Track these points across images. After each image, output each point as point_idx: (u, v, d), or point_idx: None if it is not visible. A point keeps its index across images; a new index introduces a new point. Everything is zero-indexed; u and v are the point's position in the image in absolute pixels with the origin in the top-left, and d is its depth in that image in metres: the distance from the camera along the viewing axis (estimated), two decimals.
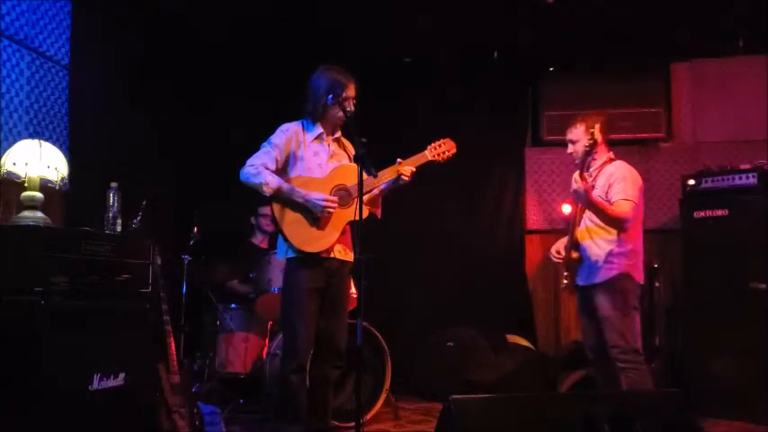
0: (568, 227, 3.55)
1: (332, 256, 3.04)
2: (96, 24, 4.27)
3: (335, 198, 2.98)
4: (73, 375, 2.50)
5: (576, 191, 3.25)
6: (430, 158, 3.09)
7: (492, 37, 5.44)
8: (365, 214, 3.14)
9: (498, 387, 4.70)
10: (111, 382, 2.65)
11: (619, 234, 3.36)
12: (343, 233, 3.06)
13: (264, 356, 4.27)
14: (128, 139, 4.41)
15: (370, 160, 2.72)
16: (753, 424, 4.11)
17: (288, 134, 3.08)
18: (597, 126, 3.27)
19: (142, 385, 2.86)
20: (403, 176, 3.02)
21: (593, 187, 3.39)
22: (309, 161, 3.07)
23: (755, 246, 4.31)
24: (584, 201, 3.29)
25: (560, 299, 5.63)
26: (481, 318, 5.34)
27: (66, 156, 2.99)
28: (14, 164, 2.74)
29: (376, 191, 3.12)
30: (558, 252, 3.61)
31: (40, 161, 2.78)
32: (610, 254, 3.37)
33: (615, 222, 3.34)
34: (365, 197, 2.99)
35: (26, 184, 2.73)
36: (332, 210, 2.96)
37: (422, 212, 5.54)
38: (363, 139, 2.77)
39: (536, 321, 5.84)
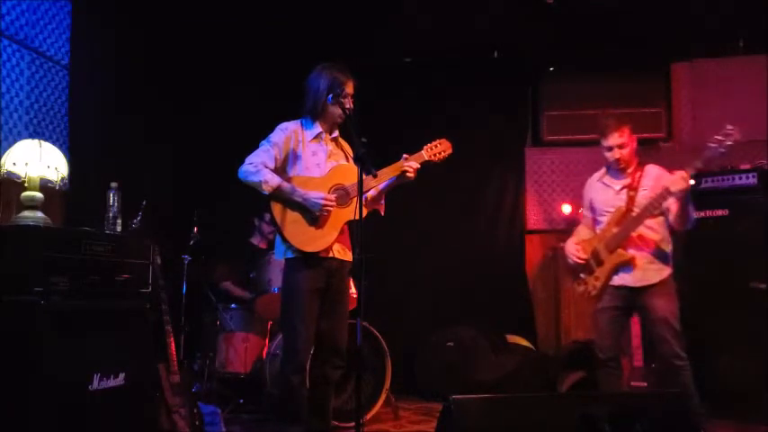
0: (607, 227, 3.48)
1: (331, 255, 3.03)
2: (96, 24, 4.27)
3: (334, 197, 2.98)
4: (73, 375, 2.50)
5: (685, 189, 3.23)
6: (426, 158, 3.09)
7: (492, 37, 5.44)
8: (364, 214, 3.16)
9: (498, 387, 4.70)
10: (111, 382, 2.65)
11: (668, 235, 3.42)
12: (341, 233, 3.05)
13: (264, 356, 4.27)
14: (128, 139, 4.41)
15: (370, 160, 2.72)
16: (753, 424, 4.11)
17: (287, 133, 3.07)
18: (732, 126, 3.30)
19: (142, 385, 2.86)
20: (407, 173, 3.01)
21: (637, 190, 3.42)
22: (308, 160, 3.07)
23: (755, 246, 4.31)
24: (686, 198, 3.28)
25: (560, 299, 5.63)
26: (481, 318, 5.34)
27: (66, 156, 2.99)
28: (14, 164, 2.74)
29: (373, 192, 3.12)
30: (578, 251, 3.54)
31: (40, 161, 2.77)
32: (662, 254, 3.40)
33: (690, 222, 3.37)
34: (366, 196, 3.00)
35: (26, 184, 2.72)
36: (330, 209, 2.96)
37: (422, 212, 5.54)
38: (363, 139, 2.77)
39: (536, 321, 5.84)
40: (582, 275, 3.54)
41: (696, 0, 4.71)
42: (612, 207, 3.48)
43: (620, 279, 3.43)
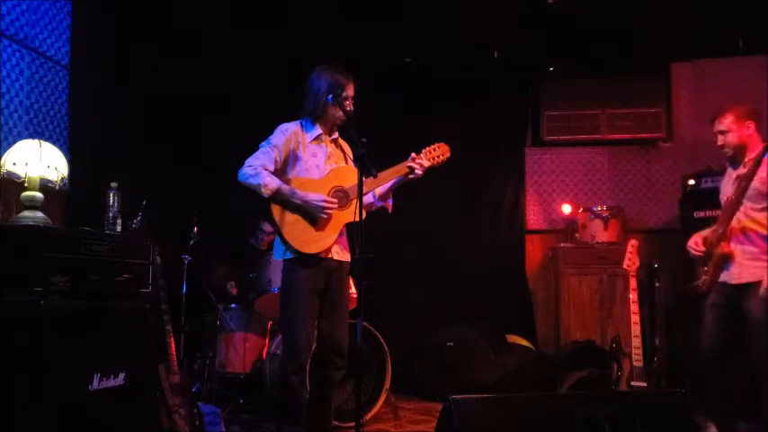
0: (716, 218, 3.34)
1: (329, 256, 3.03)
2: (96, 24, 4.27)
3: (334, 200, 2.97)
4: (73, 375, 2.50)
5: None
6: (425, 162, 3.08)
7: (492, 37, 5.44)
8: (373, 210, 3.18)
9: (498, 387, 4.70)
10: (111, 382, 2.65)
11: None
12: (340, 234, 3.06)
13: (264, 356, 4.27)
14: (128, 140, 4.41)
15: (370, 161, 2.72)
16: (752, 424, 4.10)
17: (287, 134, 3.07)
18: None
19: (142, 385, 2.86)
20: (416, 170, 3.01)
21: (750, 179, 3.19)
22: (307, 162, 3.06)
23: None
24: None
25: (560, 299, 5.64)
26: (481, 318, 5.34)
27: (66, 156, 2.99)
28: (14, 164, 2.74)
29: (381, 189, 3.12)
30: (697, 244, 3.37)
31: (40, 161, 2.77)
32: (764, 251, 3.18)
33: None
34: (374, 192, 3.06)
35: (26, 184, 2.72)
36: (331, 211, 2.96)
37: (422, 212, 5.53)
38: (363, 139, 2.77)
39: (536, 321, 5.85)
40: (705, 268, 3.37)
41: (696, 0, 4.71)
42: (727, 197, 3.34)
43: (724, 275, 3.28)
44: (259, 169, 2.94)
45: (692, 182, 4.77)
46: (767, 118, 5.13)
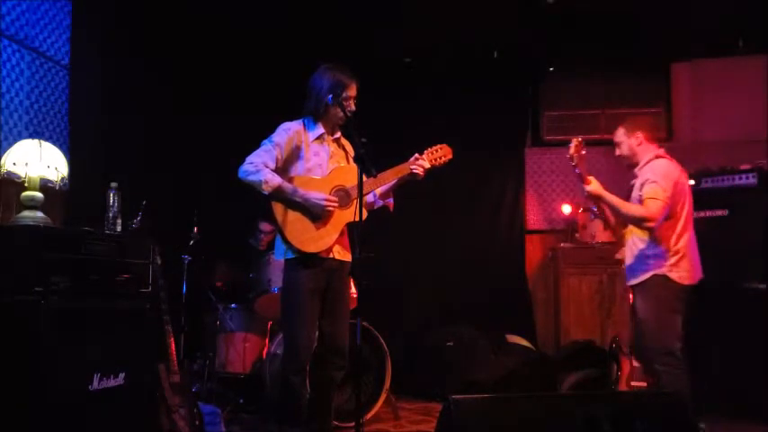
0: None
1: (331, 256, 3.03)
2: (96, 24, 4.27)
3: (335, 198, 2.97)
4: (73, 375, 2.50)
5: (588, 193, 3.34)
6: (427, 162, 3.08)
7: (492, 37, 5.45)
8: (375, 208, 3.19)
9: (498, 387, 4.70)
10: (111, 382, 2.65)
11: (652, 235, 3.36)
12: (341, 234, 3.05)
13: (264, 356, 4.27)
14: (128, 139, 4.41)
15: (370, 161, 2.71)
16: (753, 424, 4.11)
17: (290, 133, 3.06)
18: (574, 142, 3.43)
19: (142, 385, 2.86)
20: (416, 171, 3.01)
21: (632, 186, 3.45)
22: (310, 161, 3.06)
23: (755, 246, 4.30)
24: (598, 202, 3.39)
25: (560, 299, 5.64)
26: (481, 318, 5.34)
27: (66, 156, 2.99)
28: (14, 164, 2.74)
29: (383, 188, 3.11)
30: (620, 252, 3.67)
31: (40, 161, 2.77)
32: (643, 255, 3.40)
33: (635, 222, 3.38)
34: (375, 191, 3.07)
35: (26, 184, 2.73)
36: (332, 210, 2.96)
37: (422, 212, 5.54)
38: (363, 140, 2.76)
39: (536, 321, 5.85)
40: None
41: (696, 0, 4.71)
42: None
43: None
44: (260, 166, 2.93)
45: (691, 182, 4.75)
46: (767, 118, 5.17)
